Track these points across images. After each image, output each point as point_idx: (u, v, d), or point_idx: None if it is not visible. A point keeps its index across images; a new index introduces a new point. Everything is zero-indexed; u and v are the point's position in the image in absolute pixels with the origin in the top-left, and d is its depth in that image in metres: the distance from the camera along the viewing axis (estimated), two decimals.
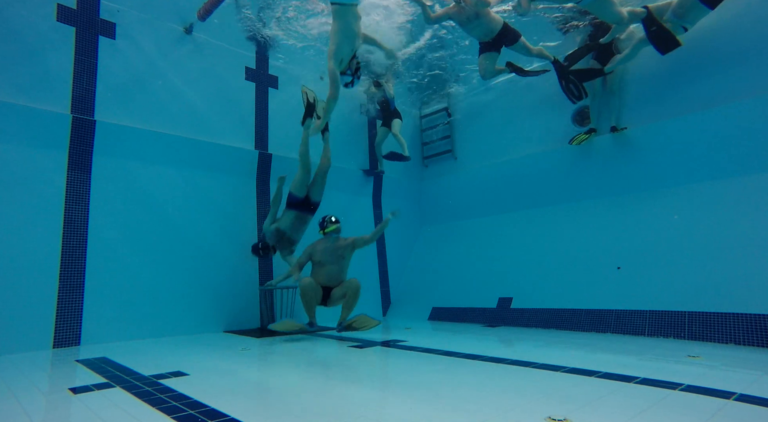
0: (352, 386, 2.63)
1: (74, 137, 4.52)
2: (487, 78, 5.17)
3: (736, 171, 4.44)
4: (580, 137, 5.52)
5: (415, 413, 2.04)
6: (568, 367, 2.87)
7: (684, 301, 4.15)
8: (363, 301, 6.71)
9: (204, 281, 5.19)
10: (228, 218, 5.57)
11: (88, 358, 3.55)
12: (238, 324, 5.37)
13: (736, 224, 4.22)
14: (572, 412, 1.95)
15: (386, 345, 4.07)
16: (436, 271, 6.98)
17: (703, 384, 2.39)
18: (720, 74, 4.65)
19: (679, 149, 4.89)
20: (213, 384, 2.66)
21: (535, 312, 5.19)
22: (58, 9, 4.57)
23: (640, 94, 5.28)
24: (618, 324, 4.45)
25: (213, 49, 5.72)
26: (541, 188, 6.15)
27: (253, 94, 6.08)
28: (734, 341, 3.69)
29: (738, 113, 4.48)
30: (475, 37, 4.94)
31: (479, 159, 7.13)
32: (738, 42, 4.53)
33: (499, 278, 5.94)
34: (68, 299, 4.24)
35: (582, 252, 5.28)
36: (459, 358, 3.33)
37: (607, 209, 5.37)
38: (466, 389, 2.48)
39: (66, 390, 2.56)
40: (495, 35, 4.82)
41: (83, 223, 4.47)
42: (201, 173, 5.42)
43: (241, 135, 5.87)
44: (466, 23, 4.73)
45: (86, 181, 4.57)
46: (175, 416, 2.02)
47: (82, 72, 4.64)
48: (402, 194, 7.69)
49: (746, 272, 3.92)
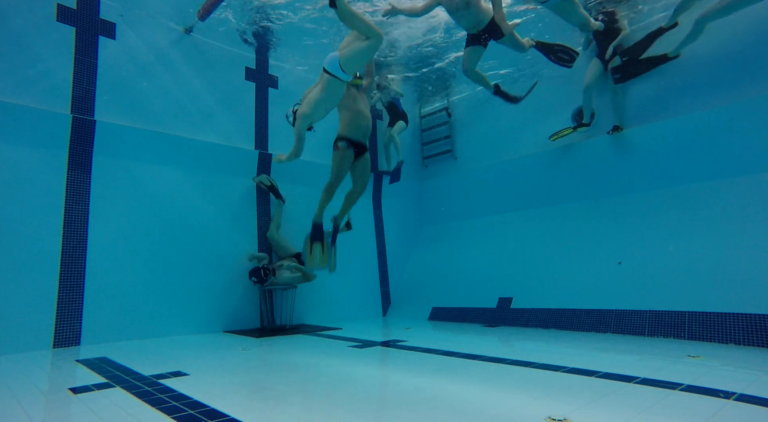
0: (352, 386, 2.62)
1: (74, 137, 4.52)
2: (468, 74, 4.97)
3: (737, 171, 4.44)
4: (562, 132, 5.49)
5: (415, 413, 2.04)
6: (568, 367, 2.87)
7: (684, 301, 4.15)
8: (363, 301, 6.77)
9: (204, 282, 5.19)
10: (228, 218, 5.57)
11: (88, 358, 3.55)
12: (238, 323, 5.37)
13: (736, 224, 4.22)
14: (572, 412, 1.95)
15: (386, 345, 4.07)
16: (436, 271, 6.98)
17: (703, 384, 2.39)
18: (720, 74, 4.66)
19: (678, 148, 4.89)
20: (213, 384, 2.66)
21: (535, 312, 5.19)
22: (58, 9, 4.57)
23: (641, 94, 5.28)
24: (618, 324, 4.45)
25: (213, 49, 5.72)
26: (541, 188, 6.15)
27: (253, 94, 6.08)
28: (734, 341, 3.69)
29: (738, 113, 4.48)
30: (462, 26, 4.79)
31: (479, 159, 7.13)
32: (737, 42, 4.53)
33: (499, 278, 5.93)
34: (68, 299, 4.24)
35: (582, 252, 5.28)
36: (459, 358, 3.32)
37: (607, 208, 5.37)
38: (466, 389, 2.48)
39: (66, 390, 2.56)
40: (483, 27, 4.66)
41: (83, 223, 4.47)
42: (201, 173, 5.42)
43: (241, 135, 5.87)
44: (454, 11, 4.61)
45: (86, 181, 4.57)
46: (175, 416, 2.02)
47: (82, 72, 4.65)
48: (402, 194, 7.69)
49: (746, 272, 3.92)
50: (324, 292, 6.13)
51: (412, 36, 6.22)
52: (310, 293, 5.95)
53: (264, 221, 5.90)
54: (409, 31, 6.10)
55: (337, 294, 6.37)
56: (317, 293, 6.06)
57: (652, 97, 5.18)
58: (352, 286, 6.63)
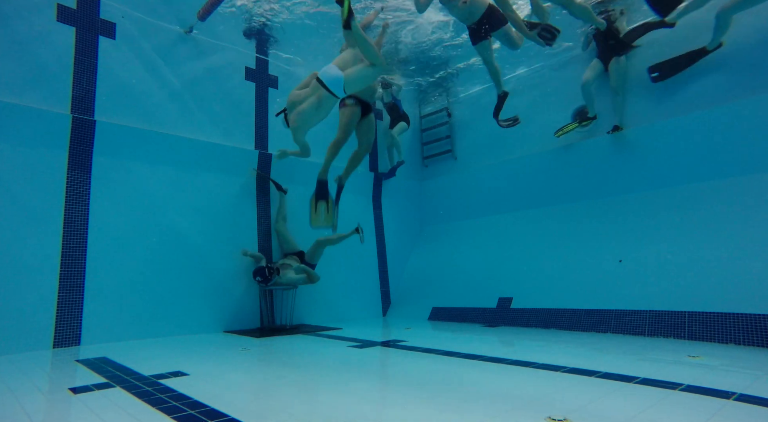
0: (352, 386, 2.62)
1: (74, 137, 4.52)
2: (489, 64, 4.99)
3: (737, 171, 4.44)
4: (567, 127, 5.47)
5: (415, 413, 2.04)
6: (568, 367, 2.87)
7: (684, 301, 4.15)
8: (363, 301, 6.77)
9: (204, 281, 5.19)
10: (228, 218, 5.57)
11: (88, 358, 3.55)
12: (238, 323, 5.37)
13: (736, 224, 4.22)
14: (572, 412, 1.95)
15: (386, 345, 4.07)
16: (436, 271, 6.98)
17: (703, 384, 2.39)
18: (720, 74, 4.65)
19: (678, 148, 4.89)
20: (213, 384, 2.66)
21: (535, 312, 5.19)
22: (58, 9, 4.57)
23: (641, 94, 5.28)
24: (618, 324, 4.45)
25: (213, 49, 5.72)
26: (541, 187, 6.15)
27: (253, 94, 6.08)
28: (734, 341, 3.69)
29: (738, 113, 4.48)
30: (456, 18, 4.78)
31: (479, 159, 7.13)
32: (738, 42, 4.53)
33: (499, 278, 5.93)
34: (68, 299, 4.24)
35: (582, 252, 5.28)
36: (459, 358, 3.32)
37: (607, 208, 5.37)
38: (466, 389, 2.48)
39: (66, 390, 2.56)
40: (477, 20, 4.60)
41: (83, 223, 4.47)
42: (201, 173, 5.41)
43: (241, 135, 5.87)
44: (447, 2, 4.59)
45: (86, 181, 4.57)
46: (175, 416, 2.02)
47: (82, 72, 4.64)
48: (402, 194, 7.70)
49: (746, 272, 3.92)
50: (324, 292, 6.13)
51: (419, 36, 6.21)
52: (310, 293, 5.95)
53: (264, 221, 5.90)
54: (415, 31, 6.09)
55: (337, 294, 6.37)
56: (317, 293, 6.06)
57: (652, 97, 5.18)
58: (352, 286, 6.63)
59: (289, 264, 5.40)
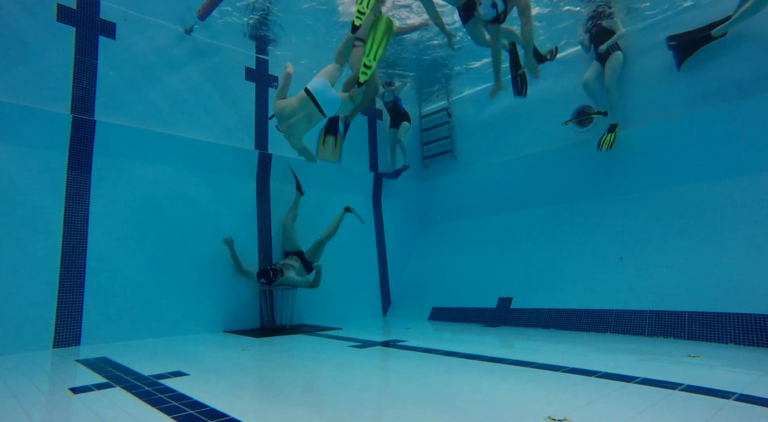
0: (352, 386, 2.62)
1: (74, 137, 4.52)
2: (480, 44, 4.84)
3: (737, 171, 4.44)
4: (606, 138, 5.25)
5: (415, 413, 2.04)
6: (568, 367, 2.87)
7: (684, 301, 4.15)
8: (363, 301, 6.77)
9: (204, 282, 5.19)
10: (228, 218, 5.56)
11: (88, 358, 3.55)
12: (238, 323, 5.37)
13: (736, 224, 4.22)
14: (572, 412, 1.95)
15: (386, 345, 4.07)
16: (436, 271, 6.98)
17: (703, 384, 2.39)
18: (720, 74, 4.66)
19: (678, 148, 4.89)
20: (213, 384, 2.66)
21: (535, 312, 5.19)
22: (58, 9, 4.57)
23: (640, 94, 5.28)
24: (618, 324, 4.45)
25: (213, 49, 5.72)
26: (541, 187, 6.15)
27: (253, 94, 6.08)
28: (734, 341, 3.69)
29: (738, 113, 4.48)
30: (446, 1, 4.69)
31: (479, 159, 7.13)
32: (738, 41, 4.53)
33: (498, 278, 5.93)
34: (68, 299, 4.24)
35: (582, 252, 5.28)
36: (459, 358, 3.32)
37: (607, 208, 5.37)
38: (466, 389, 2.48)
39: (66, 390, 2.56)
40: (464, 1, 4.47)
41: (83, 223, 4.47)
42: (201, 173, 5.41)
43: (241, 135, 5.87)
44: None
45: (86, 181, 4.57)
46: (175, 416, 2.02)
47: (82, 72, 4.64)
48: (402, 194, 7.69)
49: (746, 272, 3.92)
50: (324, 292, 6.12)
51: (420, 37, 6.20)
52: (311, 293, 5.95)
53: (264, 221, 5.90)
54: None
55: (337, 294, 6.37)
56: (317, 293, 6.05)
57: (652, 96, 5.18)
58: (352, 286, 6.63)
59: (290, 265, 5.40)
